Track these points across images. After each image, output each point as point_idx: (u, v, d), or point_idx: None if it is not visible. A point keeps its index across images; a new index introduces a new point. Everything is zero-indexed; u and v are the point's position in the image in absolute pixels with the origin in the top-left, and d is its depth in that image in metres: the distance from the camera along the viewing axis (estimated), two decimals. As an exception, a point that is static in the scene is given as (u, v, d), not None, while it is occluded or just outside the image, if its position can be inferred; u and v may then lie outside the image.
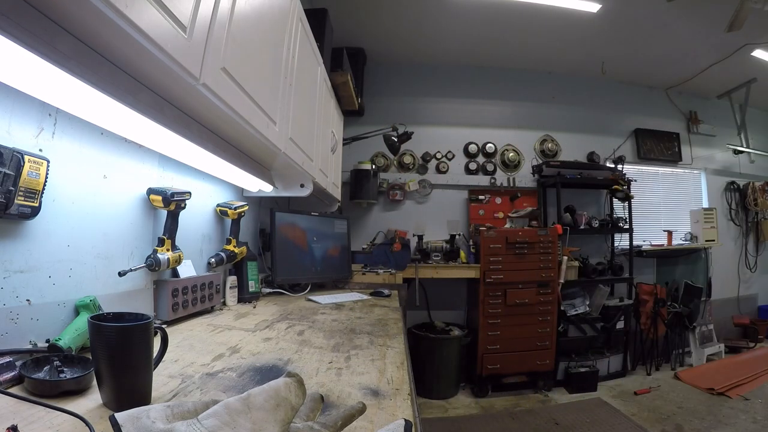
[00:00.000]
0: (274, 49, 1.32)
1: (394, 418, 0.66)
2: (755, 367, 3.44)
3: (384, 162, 3.81)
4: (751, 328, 4.23)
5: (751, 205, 4.38)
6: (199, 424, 0.45)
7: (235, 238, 1.74)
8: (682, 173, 4.40)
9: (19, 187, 0.75)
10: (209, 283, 1.49)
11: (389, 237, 3.48)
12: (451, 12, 3.11)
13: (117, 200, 1.10)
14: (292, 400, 0.51)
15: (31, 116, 0.82)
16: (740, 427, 2.51)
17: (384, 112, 3.73)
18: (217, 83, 0.89)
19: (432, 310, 3.51)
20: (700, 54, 3.61)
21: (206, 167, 1.39)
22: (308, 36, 1.76)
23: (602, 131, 4.14)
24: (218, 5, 0.87)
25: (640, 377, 3.46)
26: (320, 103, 2.13)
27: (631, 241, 3.73)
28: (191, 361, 0.92)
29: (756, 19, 2.84)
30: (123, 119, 0.83)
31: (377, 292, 2.13)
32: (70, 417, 0.58)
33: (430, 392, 3.05)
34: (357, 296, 2.00)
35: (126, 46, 0.67)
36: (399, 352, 1.08)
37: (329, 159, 2.47)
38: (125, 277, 1.09)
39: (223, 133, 1.23)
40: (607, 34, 3.37)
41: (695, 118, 4.40)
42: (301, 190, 1.97)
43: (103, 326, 0.62)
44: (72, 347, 0.83)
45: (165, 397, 0.71)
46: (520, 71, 4.03)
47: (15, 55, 0.55)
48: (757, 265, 4.53)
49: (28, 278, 0.82)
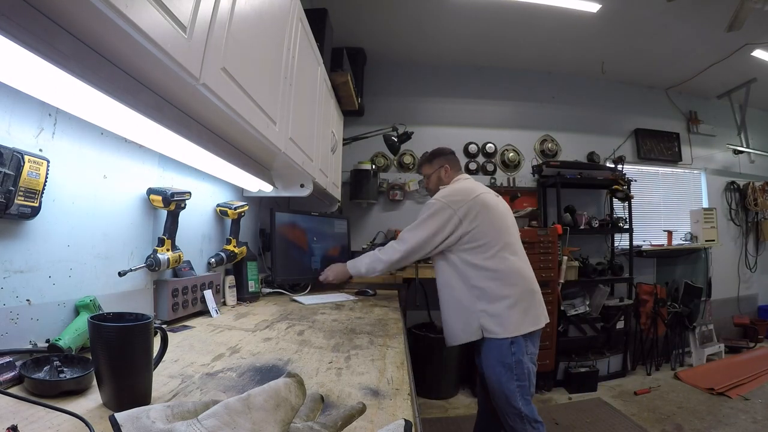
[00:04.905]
0: (274, 49, 1.32)
1: (394, 418, 0.66)
2: (755, 367, 3.44)
3: (384, 162, 3.81)
4: (751, 328, 4.23)
5: (751, 205, 4.38)
6: (199, 425, 0.45)
7: (235, 238, 1.74)
8: (682, 173, 4.40)
9: (19, 187, 0.75)
10: (209, 283, 1.49)
11: (389, 237, 3.48)
12: (451, 12, 3.11)
13: (117, 200, 1.10)
14: (292, 401, 0.51)
15: (31, 116, 0.82)
16: (740, 427, 2.51)
17: (384, 112, 3.73)
18: (217, 83, 0.89)
19: (432, 310, 3.50)
20: (700, 54, 3.61)
21: (206, 167, 1.39)
22: (308, 36, 1.76)
23: (602, 131, 4.14)
24: (218, 5, 0.87)
25: (640, 377, 3.46)
26: (320, 103, 2.13)
27: (631, 241, 3.73)
28: (191, 361, 0.92)
29: (756, 19, 2.84)
30: (123, 119, 0.83)
31: (362, 291, 2.14)
32: (70, 417, 0.58)
33: (430, 392, 3.05)
34: (344, 297, 2.00)
35: (126, 46, 0.67)
36: (399, 352, 1.08)
37: (329, 159, 2.47)
38: (125, 277, 1.09)
39: (223, 133, 1.23)
40: (607, 34, 3.37)
41: (695, 118, 4.40)
42: (301, 190, 1.97)
43: (103, 326, 0.62)
44: (72, 347, 0.83)
45: (165, 397, 0.71)
46: (520, 71, 4.03)
47: (15, 55, 0.55)
48: (757, 265, 4.53)
49: (28, 278, 0.82)
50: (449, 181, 1.86)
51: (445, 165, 1.88)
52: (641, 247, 3.88)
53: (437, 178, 1.90)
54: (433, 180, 1.92)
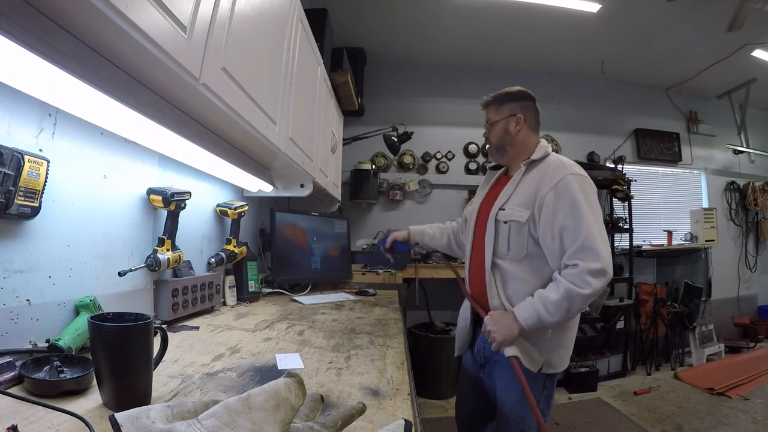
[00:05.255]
0: (274, 49, 1.32)
1: (394, 418, 0.66)
2: (755, 367, 3.44)
3: (384, 162, 3.81)
4: (751, 328, 4.23)
5: (751, 205, 4.38)
6: (199, 425, 0.45)
7: (235, 238, 1.74)
8: (682, 173, 4.40)
9: (19, 187, 0.75)
10: (209, 283, 1.49)
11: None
12: (451, 12, 3.11)
13: (117, 200, 1.10)
14: (292, 401, 0.51)
15: (31, 116, 0.82)
16: (740, 427, 2.51)
17: (384, 112, 3.73)
18: (217, 83, 0.89)
19: (432, 310, 3.51)
20: (700, 54, 3.61)
21: (206, 167, 1.39)
22: (308, 36, 1.76)
23: (602, 131, 4.14)
24: (218, 5, 0.87)
25: (640, 377, 3.46)
26: (320, 103, 2.13)
27: (631, 241, 3.73)
28: (191, 361, 0.92)
29: (756, 19, 2.84)
30: (123, 119, 0.83)
31: (362, 291, 2.16)
32: (70, 417, 0.58)
33: (430, 392, 3.05)
34: (344, 297, 2.01)
35: (126, 46, 0.67)
36: (399, 352, 1.08)
37: (329, 159, 2.47)
38: (125, 277, 1.09)
39: (223, 133, 1.23)
40: (607, 34, 3.36)
41: (695, 118, 4.40)
42: (301, 190, 1.97)
43: (103, 326, 0.62)
44: (72, 347, 0.83)
45: (165, 397, 0.71)
46: (520, 71, 4.03)
47: (15, 55, 0.55)
48: (757, 265, 4.53)
49: (28, 278, 0.82)
50: (524, 144, 1.30)
51: (518, 115, 1.31)
52: (641, 247, 3.88)
53: (503, 130, 1.32)
54: (497, 132, 1.33)
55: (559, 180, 1.16)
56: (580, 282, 1.08)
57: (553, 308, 1.10)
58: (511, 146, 1.31)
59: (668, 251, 4.04)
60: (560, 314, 1.10)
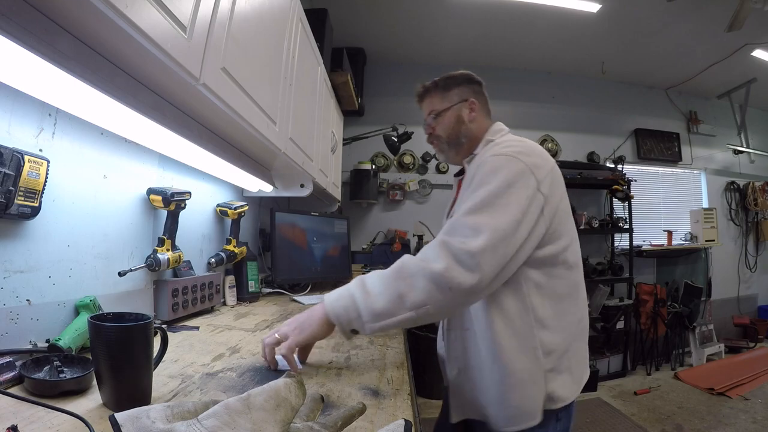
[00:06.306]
0: (274, 49, 1.32)
1: (394, 418, 0.66)
2: (755, 367, 3.44)
3: (384, 162, 3.81)
4: (751, 328, 4.23)
5: (751, 205, 4.38)
6: (199, 425, 0.45)
7: (235, 238, 1.74)
8: (682, 173, 4.40)
9: (19, 187, 0.75)
10: (209, 283, 1.49)
11: (389, 237, 3.48)
12: (451, 12, 3.12)
13: (117, 200, 1.10)
14: (293, 401, 0.51)
15: (31, 116, 0.82)
16: (740, 427, 2.51)
17: (384, 112, 3.73)
18: (217, 83, 0.89)
19: (432, 310, 3.50)
20: (700, 54, 3.61)
21: (206, 167, 1.39)
22: (308, 36, 1.76)
23: (602, 131, 4.14)
24: (218, 5, 0.87)
25: (640, 377, 3.46)
26: (320, 103, 2.13)
27: (631, 241, 3.73)
28: (191, 361, 0.92)
29: (756, 19, 2.84)
30: (123, 119, 0.83)
31: None
32: (70, 417, 0.58)
33: (430, 392, 3.05)
34: None
35: (126, 46, 0.67)
36: (399, 352, 1.08)
37: (329, 159, 2.47)
38: (125, 277, 1.09)
39: (223, 133, 1.23)
40: (607, 34, 3.37)
41: (695, 118, 4.40)
42: (301, 190, 1.97)
43: (103, 326, 0.61)
44: (72, 347, 0.83)
45: (165, 397, 0.71)
46: (520, 71, 4.03)
47: (15, 55, 0.55)
48: (757, 265, 4.53)
49: (28, 278, 0.82)
50: (479, 130, 1.07)
51: (470, 99, 1.09)
52: (641, 247, 3.89)
53: (455, 119, 1.09)
54: (446, 123, 1.10)
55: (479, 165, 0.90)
56: (432, 254, 0.78)
57: (377, 282, 0.80)
58: (467, 138, 1.07)
59: (668, 251, 4.04)
60: (386, 296, 0.78)
